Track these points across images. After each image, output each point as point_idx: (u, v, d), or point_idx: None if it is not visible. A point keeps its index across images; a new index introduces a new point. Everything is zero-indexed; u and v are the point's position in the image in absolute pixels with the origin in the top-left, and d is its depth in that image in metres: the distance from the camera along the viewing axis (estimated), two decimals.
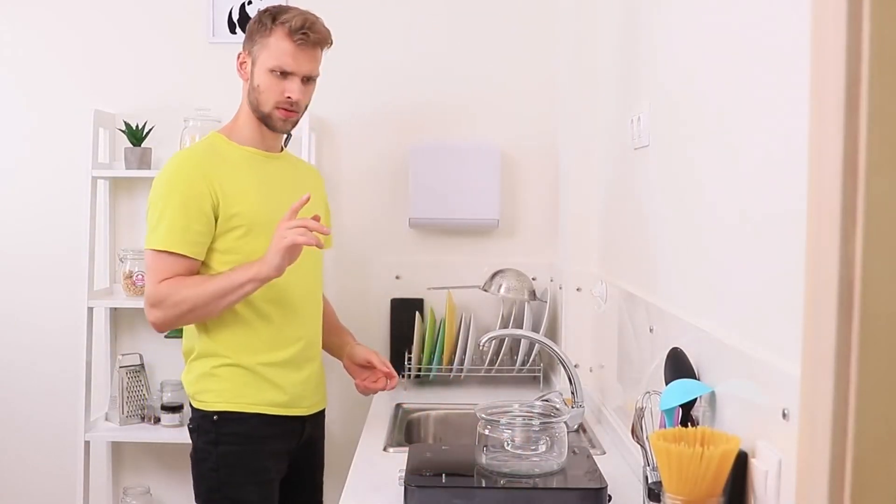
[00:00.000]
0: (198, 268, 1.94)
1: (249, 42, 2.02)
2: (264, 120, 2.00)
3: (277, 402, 1.99)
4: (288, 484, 2.06)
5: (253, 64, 2.00)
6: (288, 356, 2.00)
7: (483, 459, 1.63)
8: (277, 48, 1.95)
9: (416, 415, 2.33)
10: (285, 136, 2.11)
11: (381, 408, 2.36)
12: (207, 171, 1.93)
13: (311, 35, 1.96)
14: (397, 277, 2.84)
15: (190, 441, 2.06)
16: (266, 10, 2.02)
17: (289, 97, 1.97)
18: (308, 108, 2.07)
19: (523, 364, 2.66)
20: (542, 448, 1.63)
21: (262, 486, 1.98)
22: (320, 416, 2.15)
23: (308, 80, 2.00)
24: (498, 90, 2.90)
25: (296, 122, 2.05)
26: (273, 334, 1.99)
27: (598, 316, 2.30)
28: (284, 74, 1.96)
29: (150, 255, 1.93)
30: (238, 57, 2.04)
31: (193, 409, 2.02)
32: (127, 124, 2.81)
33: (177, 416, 2.77)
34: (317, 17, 2.01)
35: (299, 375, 2.02)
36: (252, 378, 1.97)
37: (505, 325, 2.65)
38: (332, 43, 2.04)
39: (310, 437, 2.10)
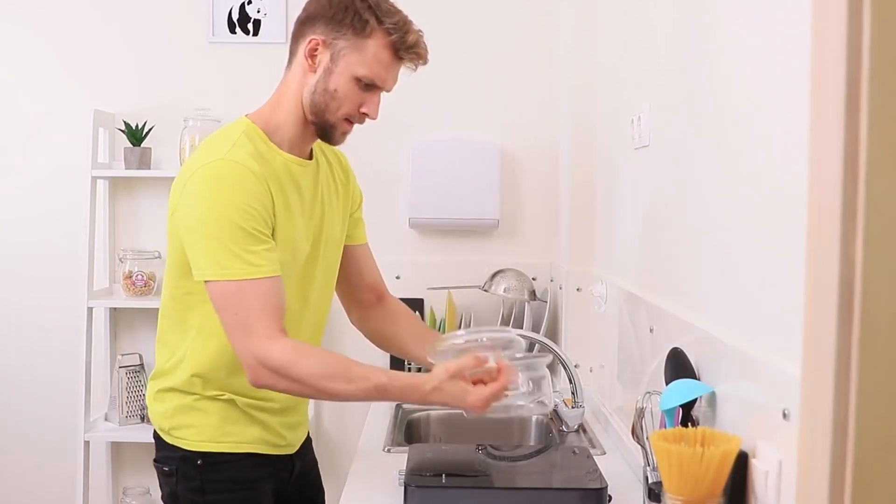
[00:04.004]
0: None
1: (334, 31, 1.55)
2: (322, 127, 1.60)
3: (268, 441, 1.68)
4: None
5: (332, 61, 1.56)
6: (272, 405, 1.67)
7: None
8: (376, 57, 1.56)
9: (416, 415, 2.32)
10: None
11: (381, 408, 2.36)
12: (267, 184, 1.53)
13: (422, 58, 1.64)
14: (397, 277, 2.83)
15: None
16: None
17: (364, 113, 1.60)
18: None
19: None
20: (524, 388, 1.51)
21: None
22: (306, 445, 1.84)
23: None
24: (498, 89, 2.90)
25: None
26: None
27: (599, 316, 2.29)
28: (370, 87, 1.58)
29: (232, 288, 1.46)
30: (309, 42, 1.56)
31: (166, 446, 1.66)
32: (126, 124, 2.81)
33: None
34: (420, 31, 1.64)
35: (286, 419, 1.72)
36: (240, 414, 1.64)
37: (505, 325, 2.65)
38: None
39: (300, 471, 1.80)
